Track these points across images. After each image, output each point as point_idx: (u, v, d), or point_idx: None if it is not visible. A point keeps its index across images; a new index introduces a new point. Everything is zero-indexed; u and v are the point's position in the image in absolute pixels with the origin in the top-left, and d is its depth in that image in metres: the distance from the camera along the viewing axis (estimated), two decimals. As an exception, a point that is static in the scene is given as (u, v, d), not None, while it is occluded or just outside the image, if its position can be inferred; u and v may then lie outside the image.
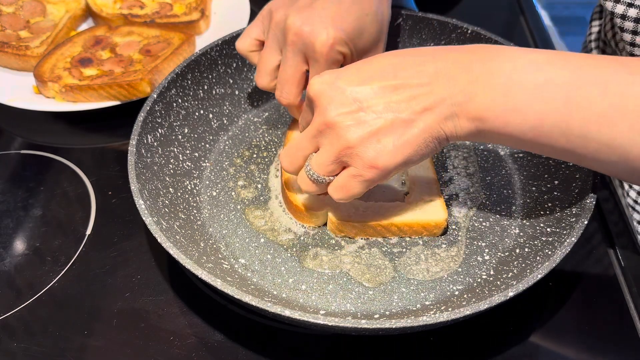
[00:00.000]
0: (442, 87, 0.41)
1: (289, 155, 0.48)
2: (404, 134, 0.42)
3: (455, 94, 0.41)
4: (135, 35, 0.75)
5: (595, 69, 0.39)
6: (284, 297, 0.49)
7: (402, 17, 0.66)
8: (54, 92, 0.68)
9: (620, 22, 0.58)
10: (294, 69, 0.53)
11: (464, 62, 0.41)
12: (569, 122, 0.39)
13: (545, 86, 0.39)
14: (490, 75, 0.40)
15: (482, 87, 0.40)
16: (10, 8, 0.79)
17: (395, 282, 0.50)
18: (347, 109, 0.42)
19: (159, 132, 0.57)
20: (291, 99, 0.55)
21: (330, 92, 0.43)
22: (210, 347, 0.48)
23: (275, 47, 0.55)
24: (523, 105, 0.39)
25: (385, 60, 0.44)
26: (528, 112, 0.39)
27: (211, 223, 0.55)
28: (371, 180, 0.44)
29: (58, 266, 0.54)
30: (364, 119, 0.42)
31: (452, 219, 0.55)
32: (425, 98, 0.41)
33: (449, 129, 0.42)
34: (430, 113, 0.41)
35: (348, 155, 0.43)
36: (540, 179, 0.56)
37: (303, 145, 0.46)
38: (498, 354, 0.47)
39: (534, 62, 0.40)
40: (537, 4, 0.88)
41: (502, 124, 0.40)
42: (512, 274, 0.48)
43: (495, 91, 0.40)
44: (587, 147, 0.39)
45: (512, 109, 0.40)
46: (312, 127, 0.45)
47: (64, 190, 0.61)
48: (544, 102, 0.39)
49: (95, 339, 0.49)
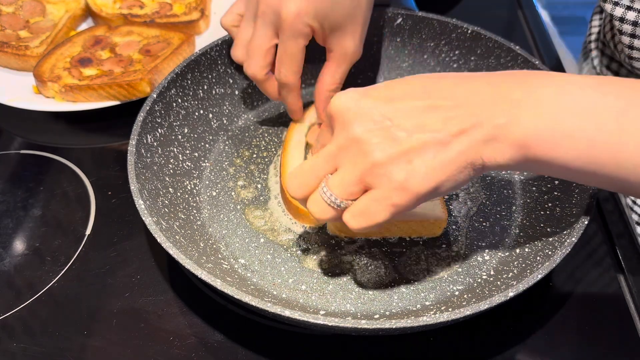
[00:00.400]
0: (481, 109, 0.37)
1: (299, 176, 0.42)
2: (438, 156, 0.37)
3: (495, 116, 0.37)
4: (135, 35, 0.75)
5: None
6: (283, 297, 0.49)
7: (402, 17, 0.66)
8: (54, 92, 0.68)
9: (618, 25, 0.58)
10: (262, 40, 0.53)
11: (502, 85, 0.38)
12: (621, 148, 0.36)
13: (595, 110, 0.36)
14: (535, 98, 0.37)
15: (527, 110, 0.37)
16: (10, 8, 0.79)
17: (395, 282, 0.50)
18: (376, 126, 0.38)
19: (159, 132, 0.57)
20: (256, 70, 0.54)
21: (357, 109, 0.39)
22: (210, 347, 0.48)
23: (251, 20, 0.54)
24: (573, 129, 0.36)
25: (415, 80, 0.40)
26: (578, 137, 0.36)
27: (211, 223, 0.55)
28: (398, 206, 0.38)
29: (58, 266, 0.54)
30: (394, 136, 0.38)
31: (452, 219, 0.55)
32: (462, 120, 0.37)
33: (488, 155, 0.38)
34: (467, 136, 0.37)
35: (374, 175, 0.38)
36: (540, 179, 0.56)
37: (319, 165, 0.41)
38: (498, 354, 0.47)
39: (578, 85, 0.37)
40: (537, 4, 0.88)
41: (549, 150, 0.37)
42: (512, 274, 0.48)
43: (542, 114, 0.37)
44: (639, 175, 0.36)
45: (561, 133, 0.36)
46: (333, 145, 0.40)
47: (63, 190, 0.61)
48: (594, 127, 0.36)
49: (94, 339, 0.49)
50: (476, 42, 0.63)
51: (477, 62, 0.64)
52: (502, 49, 0.62)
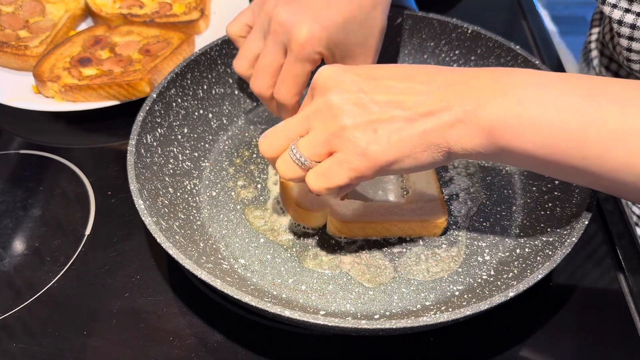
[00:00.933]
0: (452, 96, 0.40)
1: (270, 136, 0.44)
2: (402, 131, 0.40)
3: (464, 102, 0.39)
4: (134, 34, 0.75)
5: (613, 88, 0.38)
6: (283, 298, 0.49)
7: (402, 17, 0.66)
8: (54, 91, 0.68)
9: (617, 28, 0.58)
10: (271, 59, 0.52)
11: (479, 77, 0.40)
12: (585, 138, 0.37)
13: (561, 99, 0.38)
14: (504, 86, 0.39)
15: (495, 96, 0.39)
16: (10, 8, 0.79)
17: (396, 282, 0.50)
18: (352, 96, 0.41)
19: (159, 132, 0.57)
20: (263, 89, 0.53)
21: (338, 79, 0.42)
22: (209, 347, 0.48)
23: (260, 35, 0.53)
24: (538, 116, 0.38)
25: (399, 66, 0.44)
26: (543, 125, 0.38)
27: (211, 223, 0.55)
28: (357, 171, 0.41)
29: (57, 266, 0.54)
30: (365, 107, 0.40)
31: (452, 219, 0.55)
32: (433, 102, 0.40)
33: (454, 139, 0.40)
34: (434, 117, 0.40)
35: (340, 138, 0.41)
36: (540, 179, 0.56)
37: (291, 126, 0.43)
38: (498, 354, 0.47)
39: (549, 79, 0.39)
40: (538, 4, 0.88)
41: (514, 138, 0.38)
42: (513, 274, 0.48)
43: (509, 101, 0.38)
44: (604, 166, 0.37)
45: (526, 120, 0.38)
46: (309, 109, 0.43)
47: (63, 190, 0.61)
48: (559, 116, 0.37)
49: (94, 339, 0.49)
50: (476, 42, 0.63)
51: (477, 62, 0.64)
52: (502, 48, 0.62)
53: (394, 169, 0.41)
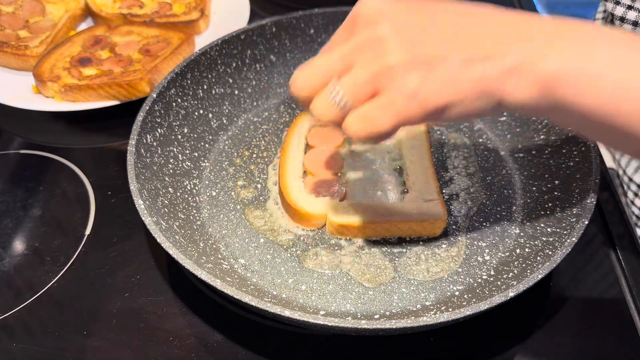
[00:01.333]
0: (512, 40, 0.36)
1: (306, 73, 0.39)
2: (458, 74, 0.36)
3: (525, 49, 0.35)
4: (134, 34, 0.75)
5: None
6: (283, 298, 0.49)
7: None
8: (54, 91, 0.68)
9: (619, 24, 0.58)
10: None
11: (540, 23, 0.36)
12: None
13: (632, 57, 0.34)
14: (569, 38, 0.35)
15: (558, 48, 0.35)
16: (10, 8, 0.79)
17: (395, 282, 0.50)
18: (404, 29, 0.36)
19: (159, 132, 0.57)
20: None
21: (387, 11, 0.37)
22: (209, 347, 0.48)
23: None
24: (604, 73, 0.34)
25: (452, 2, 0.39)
26: (608, 82, 0.34)
27: (211, 223, 0.55)
28: (403, 115, 0.36)
29: (57, 266, 0.54)
30: (418, 43, 0.36)
31: (452, 219, 0.55)
32: (491, 46, 0.36)
33: (509, 88, 0.36)
34: (492, 61, 0.35)
35: (388, 77, 0.36)
36: (540, 179, 0.56)
37: (331, 62, 0.38)
38: (498, 354, 0.47)
39: (619, 35, 0.35)
40: (537, 4, 0.88)
41: (574, 92, 0.34)
42: (513, 274, 0.48)
43: (573, 54, 0.34)
44: None
45: (591, 75, 0.34)
46: (351, 43, 0.37)
47: (63, 190, 0.61)
48: (628, 74, 0.33)
49: (94, 339, 0.49)
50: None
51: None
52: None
53: (442, 116, 0.37)
